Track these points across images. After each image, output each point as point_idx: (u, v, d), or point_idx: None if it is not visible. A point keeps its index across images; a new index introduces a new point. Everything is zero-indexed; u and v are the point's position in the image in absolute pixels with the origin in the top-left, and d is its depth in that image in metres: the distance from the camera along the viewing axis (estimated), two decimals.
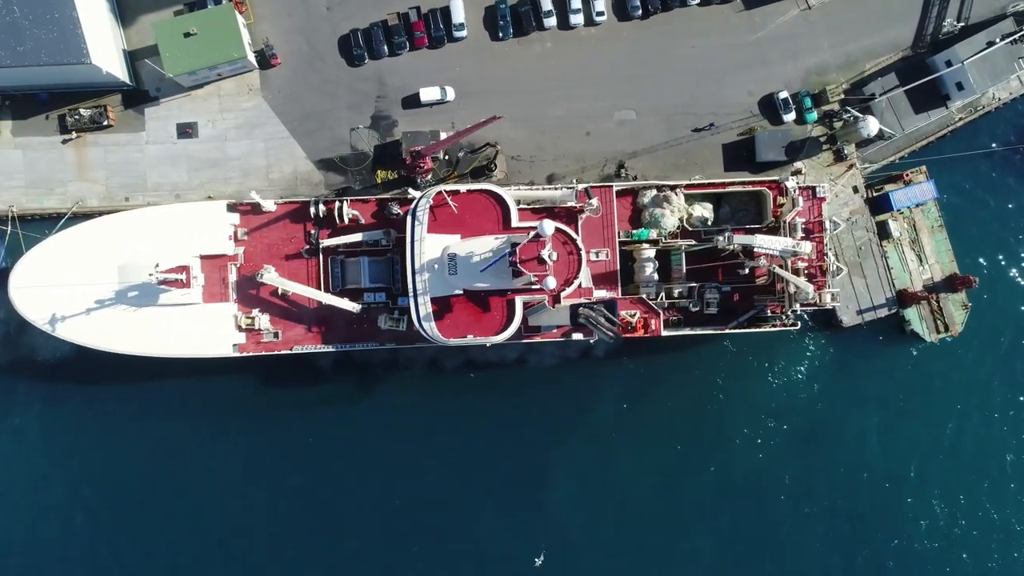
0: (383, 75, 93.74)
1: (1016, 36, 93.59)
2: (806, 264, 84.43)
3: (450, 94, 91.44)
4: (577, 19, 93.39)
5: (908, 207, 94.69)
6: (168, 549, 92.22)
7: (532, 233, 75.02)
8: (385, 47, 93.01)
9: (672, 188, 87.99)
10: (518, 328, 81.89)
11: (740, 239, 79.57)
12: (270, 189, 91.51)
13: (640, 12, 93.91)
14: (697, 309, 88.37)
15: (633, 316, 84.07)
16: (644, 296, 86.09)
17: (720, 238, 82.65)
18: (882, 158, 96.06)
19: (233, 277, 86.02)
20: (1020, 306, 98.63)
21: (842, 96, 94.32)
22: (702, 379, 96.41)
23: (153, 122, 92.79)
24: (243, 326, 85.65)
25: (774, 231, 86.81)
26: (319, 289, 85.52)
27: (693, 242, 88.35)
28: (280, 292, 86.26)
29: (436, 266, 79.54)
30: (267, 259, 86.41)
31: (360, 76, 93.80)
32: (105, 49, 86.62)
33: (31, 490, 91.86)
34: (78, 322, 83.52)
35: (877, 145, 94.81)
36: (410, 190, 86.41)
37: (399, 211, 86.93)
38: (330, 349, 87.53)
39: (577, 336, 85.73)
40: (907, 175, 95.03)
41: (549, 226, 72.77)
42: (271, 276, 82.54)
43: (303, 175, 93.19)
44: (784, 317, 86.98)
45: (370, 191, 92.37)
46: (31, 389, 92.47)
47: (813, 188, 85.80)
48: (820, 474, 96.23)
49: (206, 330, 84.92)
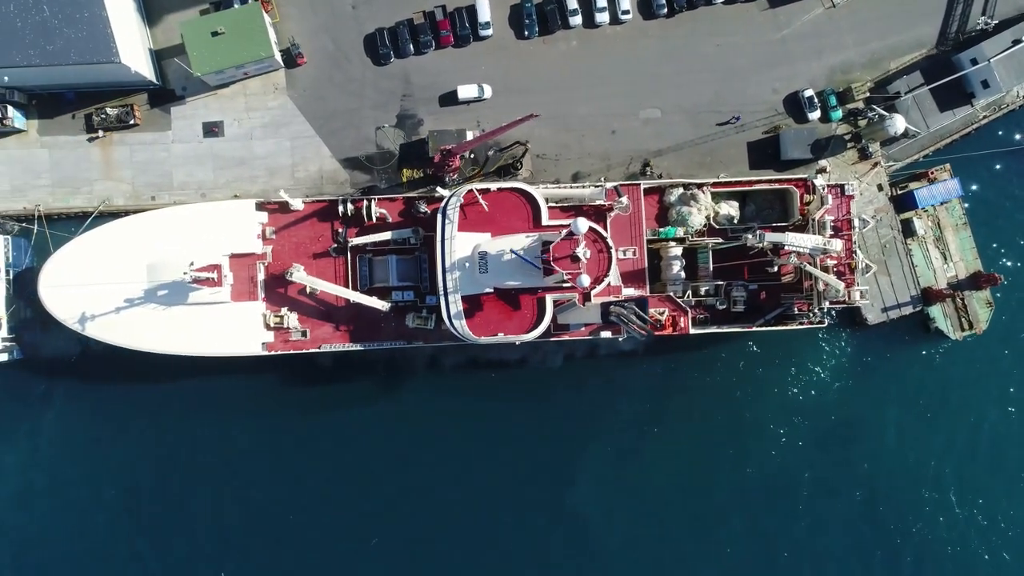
0: (409, 74, 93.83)
1: None
2: (835, 262, 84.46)
3: (487, 91, 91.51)
4: (603, 17, 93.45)
5: (932, 205, 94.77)
6: (188, 547, 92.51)
7: (565, 231, 75.02)
8: (411, 46, 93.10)
9: (699, 186, 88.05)
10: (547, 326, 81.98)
11: (771, 237, 79.65)
12: (296, 188, 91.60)
13: (665, 10, 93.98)
14: (724, 307, 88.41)
15: (662, 314, 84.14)
16: (671, 294, 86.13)
17: (749, 236, 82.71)
18: (906, 156, 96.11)
19: (261, 276, 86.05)
20: None
21: (867, 94, 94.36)
22: (726, 377, 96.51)
23: (179, 121, 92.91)
24: (272, 325, 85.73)
25: (801, 229, 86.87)
26: (347, 288, 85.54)
27: (720, 240, 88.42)
28: (308, 291, 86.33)
29: (467, 264, 79.58)
30: (295, 258, 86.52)
31: (386, 75, 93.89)
32: (133, 48, 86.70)
33: (52, 489, 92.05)
34: (107, 321, 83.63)
35: (901, 143, 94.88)
36: (438, 188, 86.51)
37: (427, 209, 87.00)
38: (358, 347, 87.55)
39: (605, 334, 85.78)
40: (931, 173, 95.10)
41: (583, 224, 72.86)
42: (300, 275, 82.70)
43: (329, 174, 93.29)
44: (811, 315, 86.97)
45: (396, 190, 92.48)
46: (53, 388, 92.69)
47: (842, 186, 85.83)
48: (844, 472, 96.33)
49: (235, 329, 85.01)
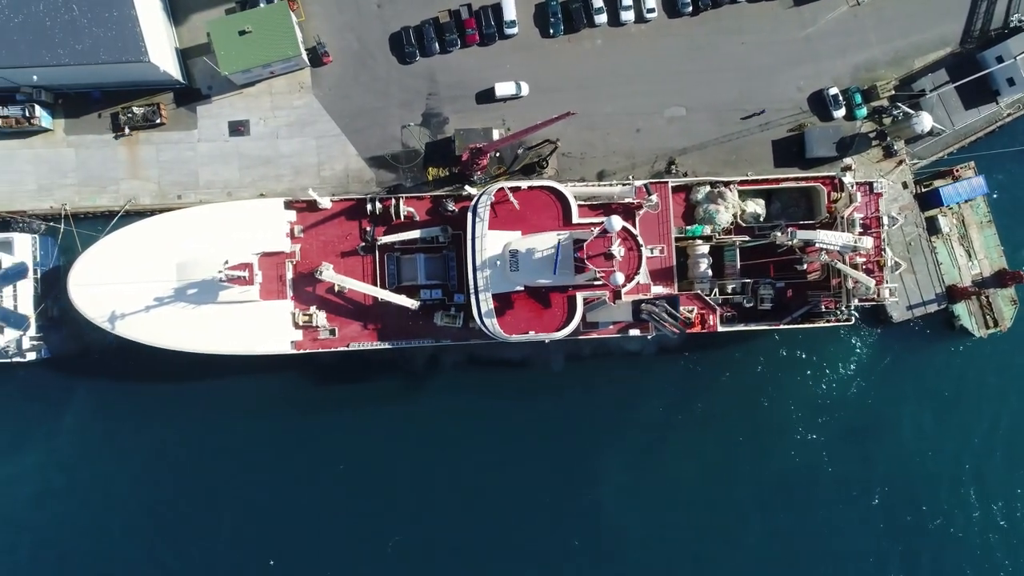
0: (434, 72, 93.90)
1: None
2: (864, 259, 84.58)
3: (524, 89, 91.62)
4: (628, 16, 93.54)
5: (957, 202, 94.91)
6: (209, 547, 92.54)
7: (599, 229, 75.12)
8: (436, 44, 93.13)
9: (726, 184, 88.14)
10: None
11: (803, 234, 79.76)
12: (322, 186, 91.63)
13: (690, 9, 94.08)
14: (751, 305, 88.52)
15: (691, 312, 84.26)
16: (699, 292, 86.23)
17: (779, 233, 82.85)
18: (931, 154, 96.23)
19: (290, 274, 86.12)
20: None
21: (892, 92, 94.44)
22: (748, 375, 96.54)
23: (205, 120, 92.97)
24: (300, 323, 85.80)
25: (828, 226, 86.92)
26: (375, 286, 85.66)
27: (747, 238, 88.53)
28: (336, 289, 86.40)
29: (498, 263, 79.66)
30: (323, 256, 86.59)
31: (411, 73, 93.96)
32: (160, 47, 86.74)
33: (75, 487, 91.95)
34: (136, 319, 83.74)
35: (926, 141, 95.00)
36: (466, 187, 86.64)
37: (454, 208, 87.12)
38: (386, 346, 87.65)
39: (634, 332, 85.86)
40: (956, 170, 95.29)
41: (617, 222, 72.99)
42: (330, 273, 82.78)
43: (354, 172, 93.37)
44: (839, 312, 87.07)
45: (421, 188, 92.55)
46: (79, 387, 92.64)
47: (870, 183, 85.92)
48: (869, 470, 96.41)
49: (264, 327, 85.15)
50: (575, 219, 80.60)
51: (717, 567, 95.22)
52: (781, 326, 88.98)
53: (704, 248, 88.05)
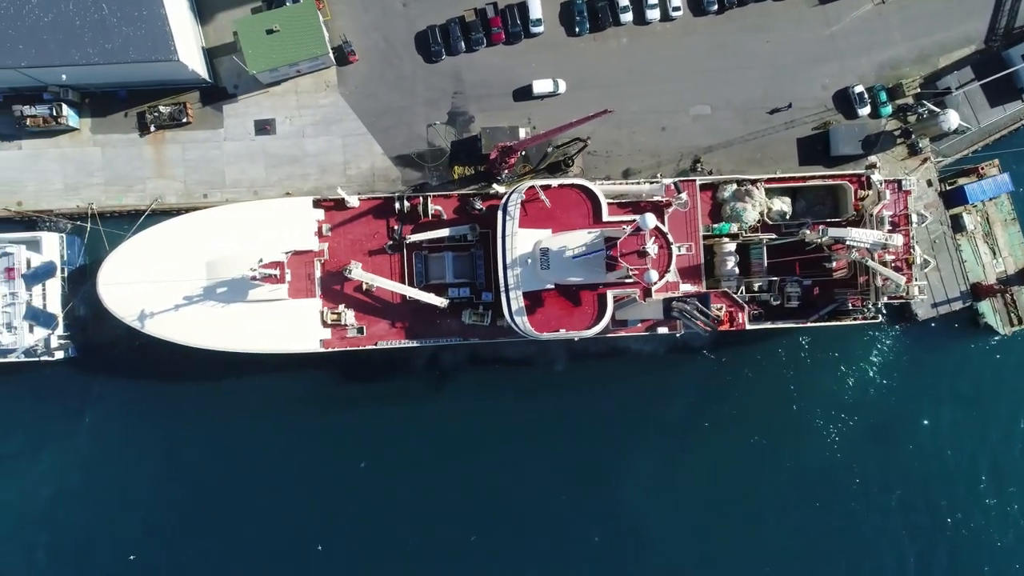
0: (460, 71, 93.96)
1: None
2: (893, 257, 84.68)
3: (562, 86, 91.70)
4: (653, 14, 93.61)
5: (982, 200, 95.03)
6: (233, 546, 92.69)
7: (632, 227, 75.20)
8: (462, 43, 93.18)
9: (753, 182, 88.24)
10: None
11: (834, 232, 79.85)
12: (348, 185, 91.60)
13: (715, 7, 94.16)
14: (778, 303, 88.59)
15: (719, 310, 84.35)
16: (727, 290, 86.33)
17: (808, 231, 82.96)
18: (956, 152, 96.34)
19: (318, 273, 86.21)
20: None
21: (917, 90, 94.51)
22: (775, 373, 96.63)
23: (231, 119, 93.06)
24: (329, 321, 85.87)
25: (854, 224, 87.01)
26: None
27: (774, 236, 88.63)
28: (364, 288, 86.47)
29: (528, 261, 79.74)
30: (351, 255, 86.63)
31: (437, 72, 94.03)
32: (188, 46, 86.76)
33: (103, 486, 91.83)
34: (166, 318, 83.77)
35: (951, 139, 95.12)
36: (494, 185, 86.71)
37: (482, 206, 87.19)
38: (413, 344, 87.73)
39: (662, 330, 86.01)
40: (981, 168, 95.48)
41: (651, 219, 73.02)
42: (359, 272, 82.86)
43: (380, 171, 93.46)
44: (866, 310, 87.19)
45: (447, 187, 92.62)
46: (105, 386, 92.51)
47: (899, 181, 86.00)
48: (892, 468, 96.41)
49: (293, 326, 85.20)
50: (605, 217, 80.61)
51: (738, 565, 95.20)
52: (808, 324, 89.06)
53: (731, 246, 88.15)
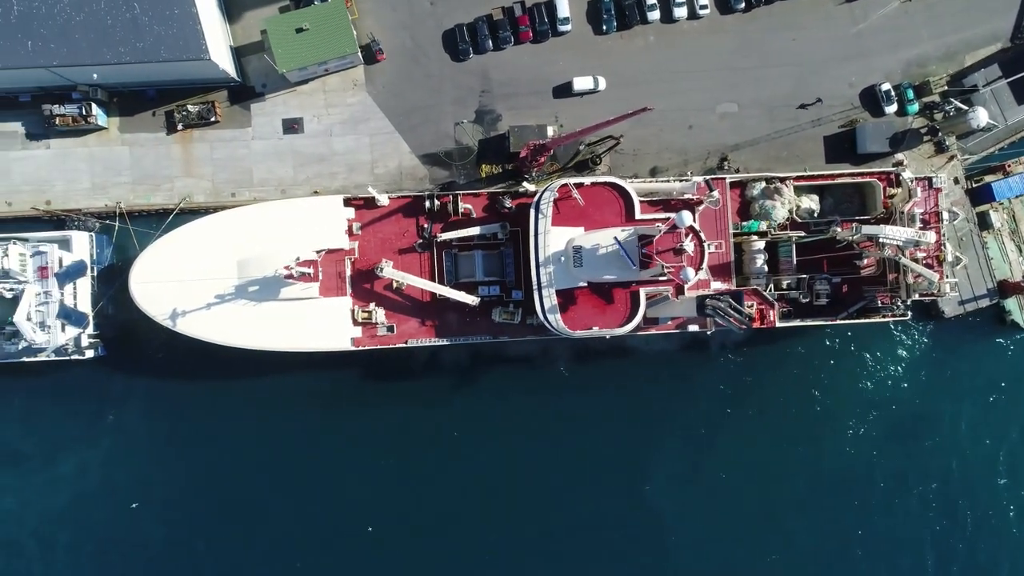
0: (487, 69, 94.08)
1: None
2: (924, 254, 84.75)
3: (602, 84, 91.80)
4: (680, 12, 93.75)
5: (1008, 198, 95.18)
6: (259, 544, 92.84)
7: (668, 224, 75.27)
8: (490, 41, 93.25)
9: (782, 180, 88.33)
10: None
11: (868, 230, 79.92)
12: (376, 184, 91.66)
13: (743, 5, 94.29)
14: (807, 300, 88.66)
15: (750, 307, 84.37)
16: (757, 288, 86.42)
17: (839, 229, 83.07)
18: (982, 149, 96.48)
19: (349, 271, 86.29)
20: None
21: (944, 88, 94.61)
22: (799, 372, 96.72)
23: (259, 118, 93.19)
24: (359, 320, 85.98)
25: (883, 222, 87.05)
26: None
27: (803, 233, 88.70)
28: (394, 286, 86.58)
29: (561, 259, 79.83)
30: (381, 253, 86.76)
31: (464, 71, 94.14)
32: (218, 45, 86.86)
33: (132, 486, 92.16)
34: (197, 316, 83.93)
35: (978, 136, 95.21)
36: (524, 184, 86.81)
37: (511, 205, 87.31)
38: (443, 342, 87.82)
39: (693, 327, 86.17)
40: (1008, 166, 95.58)
41: (687, 217, 73.14)
42: (390, 270, 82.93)
43: (408, 170, 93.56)
44: (895, 307, 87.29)
45: (474, 185, 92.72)
46: (134, 385, 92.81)
47: (929, 179, 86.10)
48: (919, 465, 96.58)
49: (324, 324, 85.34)
50: (638, 215, 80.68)
51: (767, 563, 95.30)
52: (837, 321, 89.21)
53: (760, 244, 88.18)
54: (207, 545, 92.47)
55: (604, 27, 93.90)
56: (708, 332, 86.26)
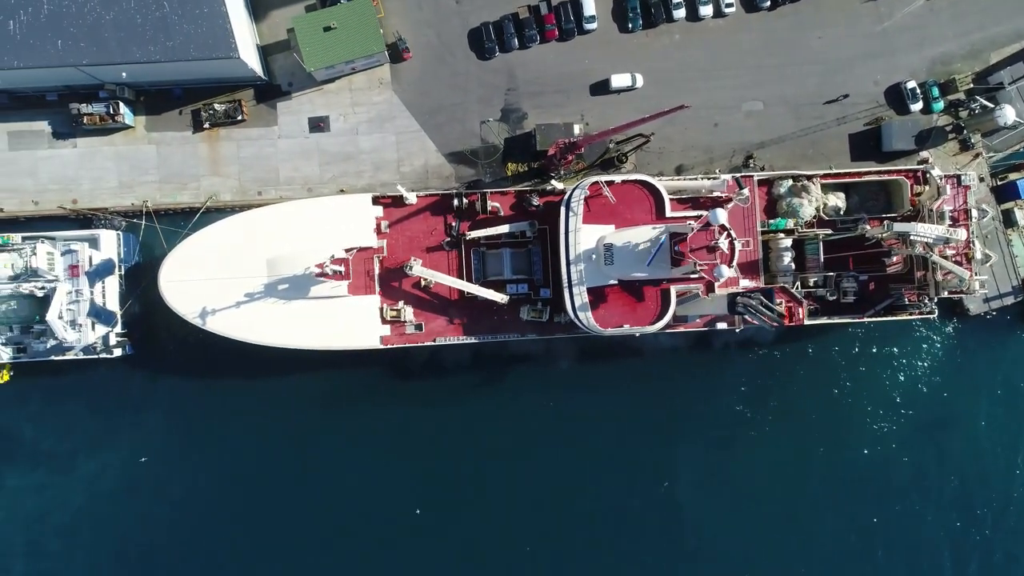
0: (513, 68, 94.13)
1: None
2: (953, 252, 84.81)
3: (639, 81, 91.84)
4: (706, 10, 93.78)
5: None
6: (287, 543, 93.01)
7: (700, 223, 75.36)
8: (515, 40, 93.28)
9: (809, 178, 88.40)
10: None
11: (899, 227, 79.97)
12: (402, 182, 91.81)
13: (768, 3, 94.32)
14: (834, 298, 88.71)
15: (779, 305, 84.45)
16: (784, 285, 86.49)
17: (867, 226, 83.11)
18: (1007, 147, 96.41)
19: (377, 269, 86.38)
20: None
21: (970, 86, 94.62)
22: (822, 370, 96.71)
23: (285, 116, 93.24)
24: (388, 318, 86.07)
25: (910, 219, 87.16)
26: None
27: (830, 231, 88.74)
28: (422, 284, 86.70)
29: (592, 257, 79.88)
30: (409, 251, 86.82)
31: (490, 69, 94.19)
32: (245, 43, 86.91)
33: (159, 485, 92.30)
34: (227, 315, 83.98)
35: (1003, 134, 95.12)
36: (553, 182, 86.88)
37: (539, 203, 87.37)
38: (471, 340, 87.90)
39: (721, 325, 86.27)
40: None
41: (722, 215, 73.22)
42: (420, 268, 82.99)
43: (434, 168, 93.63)
44: (923, 305, 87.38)
45: (500, 183, 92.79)
46: (161, 383, 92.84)
47: (958, 176, 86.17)
48: (944, 464, 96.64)
49: (353, 322, 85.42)
50: (668, 213, 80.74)
51: (790, 560, 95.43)
52: (864, 319, 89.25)
53: (787, 241, 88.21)
54: (227, 542, 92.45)
55: (630, 25, 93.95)
56: (737, 330, 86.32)
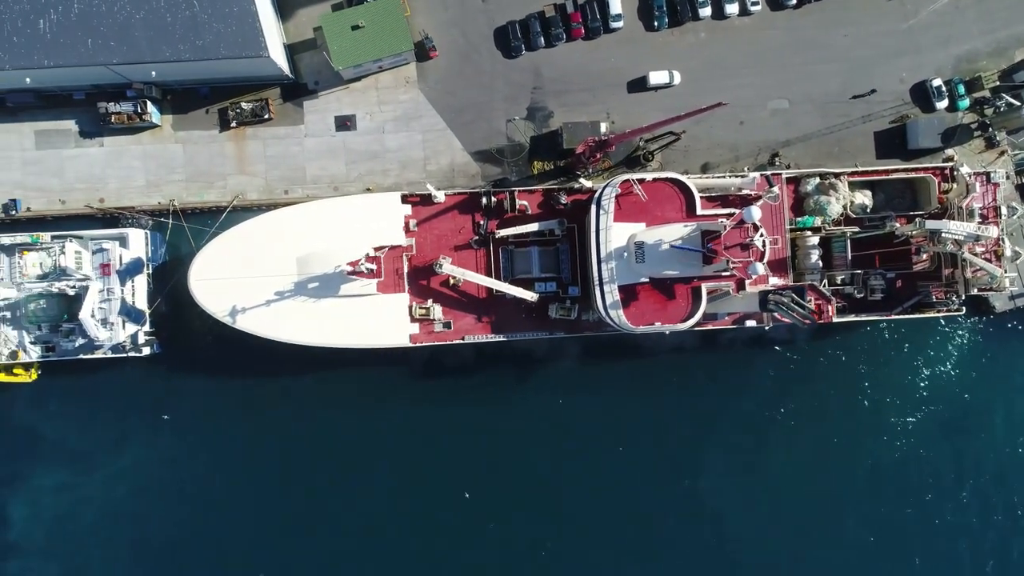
0: (539, 66, 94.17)
1: None
2: (982, 249, 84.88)
3: (677, 78, 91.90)
4: (732, 8, 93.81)
5: None
6: (312, 540, 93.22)
7: (734, 220, 75.40)
8: (541, 38, 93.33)
9: (837, 175, 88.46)
10: None
11: (931, 224, 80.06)
12: (428, 181, 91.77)
13: (794, 1, 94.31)
14: (861, 295, 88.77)
15: (808, 302, 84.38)
16: (813, 283, 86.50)
17: (896, 224, 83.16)
18: None
19: (406, 268, 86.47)
20: None
21: (996, 83, 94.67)
22: (846, 368, 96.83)
23: (311, 115, 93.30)
24: (417, 316, 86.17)
25: (938, 217, 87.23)
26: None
27: (857, 229, 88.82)
28: (451, 283, 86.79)
29: (624, 255, 79.95)
30: (437, 250, 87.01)
31: (516, 68, 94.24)
32: (273, 42, 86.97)
33: (187, 483, 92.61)
34: (256, 313, 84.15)
35: None
36: (582, 180, 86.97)
37: (566, 201, 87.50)
38: (499, 338, 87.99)
39: (750, 323, 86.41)
40: None
41: (756, 212, 73.30)
42: (449, 266, 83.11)
43: (460, 166, 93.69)
44: (950, 302, 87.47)
45: (527, 182, 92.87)
46: (189, 382, 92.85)
47: (987, 173, 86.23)
48: (970, 462, 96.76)
49: (382, 320, 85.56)
50: (699, 211, 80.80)
51: (814, 558, 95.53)
52: (892, 316, 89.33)
53: (815, 239, 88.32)
54: (250, 539, 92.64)
55: (656, 23, 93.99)
56: (765, 327, 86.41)
